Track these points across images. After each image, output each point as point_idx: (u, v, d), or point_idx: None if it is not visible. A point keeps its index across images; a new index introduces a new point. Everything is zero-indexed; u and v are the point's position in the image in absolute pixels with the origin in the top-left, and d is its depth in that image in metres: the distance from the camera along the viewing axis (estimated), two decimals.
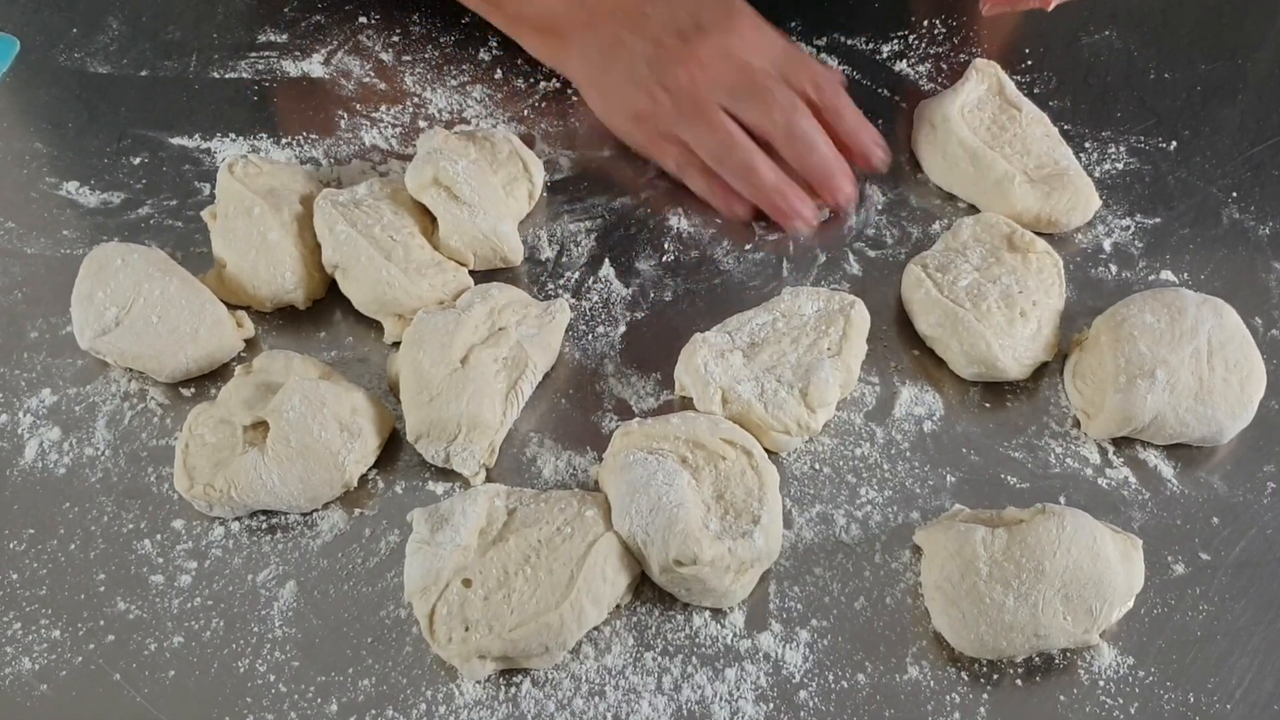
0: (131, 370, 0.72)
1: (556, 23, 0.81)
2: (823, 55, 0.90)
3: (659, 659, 0.62)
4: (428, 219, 0.76)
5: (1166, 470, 0.69)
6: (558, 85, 0.88)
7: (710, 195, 0.79)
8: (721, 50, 0.76)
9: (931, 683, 0.61)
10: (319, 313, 0.76)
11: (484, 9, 0.86)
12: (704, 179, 0.79)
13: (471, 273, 0.76)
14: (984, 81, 0.84)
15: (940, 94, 0.84)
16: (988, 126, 0.82)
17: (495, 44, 0.91)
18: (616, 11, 0.78)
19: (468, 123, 0.86)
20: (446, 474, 0.69)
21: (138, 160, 0.83)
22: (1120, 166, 0.84)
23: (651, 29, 0.77)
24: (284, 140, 0.85)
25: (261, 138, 0.85)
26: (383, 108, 0.87)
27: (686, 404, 0.71)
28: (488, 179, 0.77)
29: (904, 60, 0.91)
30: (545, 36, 0.83)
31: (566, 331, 0.74)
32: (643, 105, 0.77)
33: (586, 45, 0.79)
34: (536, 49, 0.84)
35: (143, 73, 0.90)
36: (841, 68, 0.89)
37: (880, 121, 0.85)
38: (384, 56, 0.91)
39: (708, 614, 0.63)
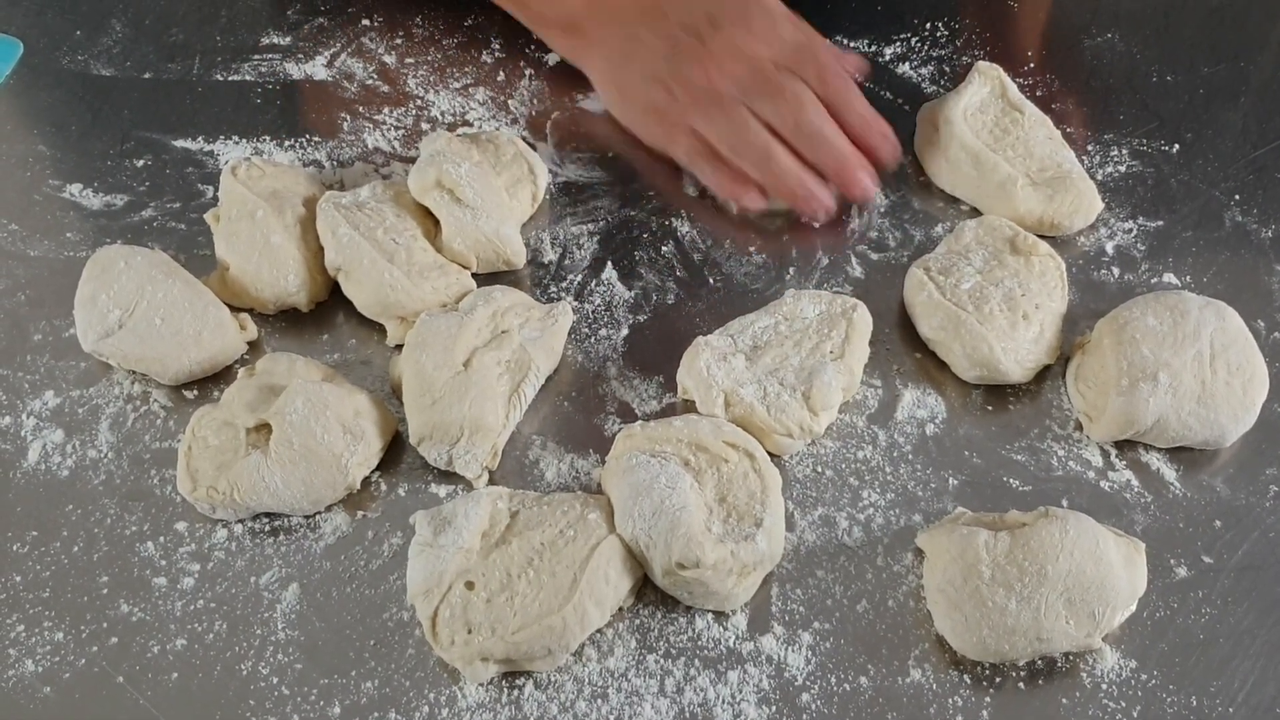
0: (134, 373, 0.72)
1: (577, 22, 0.82)
2: None
3: (661, 661, 0.62)
4: (430, 221, 0.76)
5: (1169, 473, 0.69)
6: (551, 87, 0.88)
7: (719, 186, 0.79)
8: (734, 46, 0.76)
9: (934, 686, 0.61)
10: (322, 315, 0.76)
11: (510, 7, 0.86)
12: (714, 169, 0.78)
13: (474, 275, 0.76)
14: (987, 84, 0.84)
15: (943, 97, 0.84)
16: (990, 129, 0.82)
17: (498, 46, 0.91)
18: (635, 9, 0.79)
19: (470, 125, 0.86)
20: (449, 476, 0.69)
21: (141, 163, 0.84)
22: (1123, 169, 0.84)
23: (668, 26, 0.77)
24: (287, 143, 0.85)
25: (264, 140, 0.85)
26: (385, 110, 0.87)
27: (689, 407, 0.71)
28: (490, 182, 0.77)
29: (906, 63, 0.91)
30: (568, 35, 0.83)
31: (569, 334, 0.74)
32: (659, 99, 0.78)
33: (606, 43, 0.80)
34: (560, 48, 0.86)
35: (146, 75, 0.90)
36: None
37: None
38: (387, 59, 0.91)
39: (710, 617, 0.63)
